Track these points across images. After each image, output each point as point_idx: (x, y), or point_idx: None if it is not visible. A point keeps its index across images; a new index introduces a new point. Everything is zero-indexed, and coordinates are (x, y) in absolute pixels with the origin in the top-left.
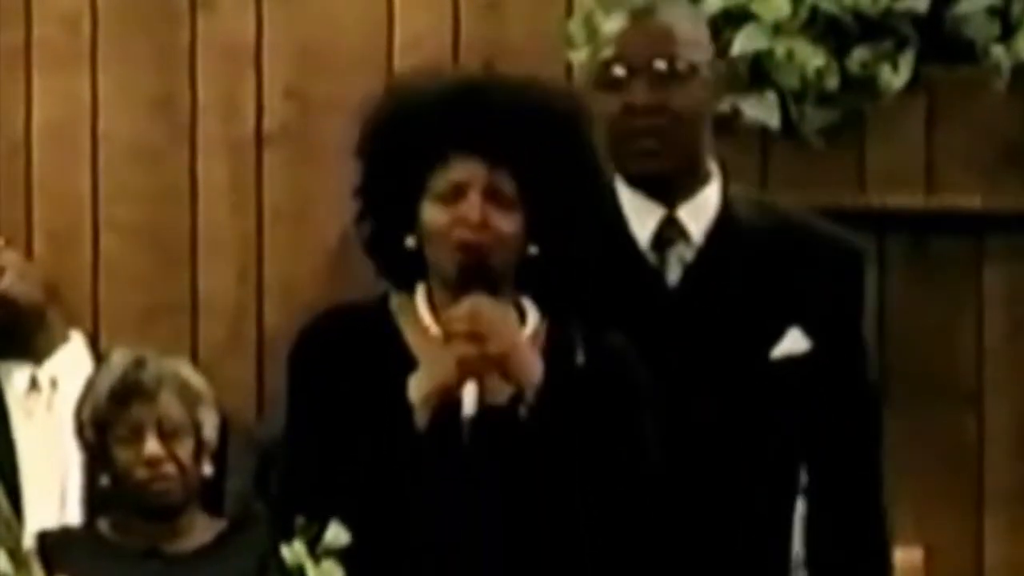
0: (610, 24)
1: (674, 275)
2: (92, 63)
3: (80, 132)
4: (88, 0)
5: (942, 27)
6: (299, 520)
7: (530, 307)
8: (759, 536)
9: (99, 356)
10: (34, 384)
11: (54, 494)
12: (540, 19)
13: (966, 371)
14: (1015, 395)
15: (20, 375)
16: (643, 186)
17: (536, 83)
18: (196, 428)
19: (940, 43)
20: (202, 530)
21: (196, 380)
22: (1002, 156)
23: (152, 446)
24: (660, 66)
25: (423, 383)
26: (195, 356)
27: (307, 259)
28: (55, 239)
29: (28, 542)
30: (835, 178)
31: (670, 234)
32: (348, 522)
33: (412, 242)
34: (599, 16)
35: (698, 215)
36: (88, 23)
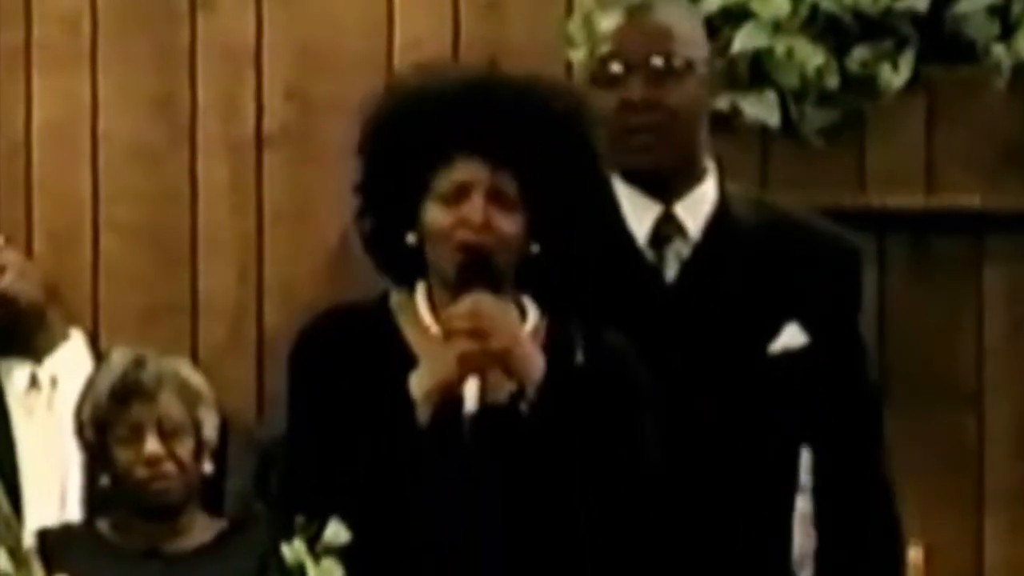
0: (607, 21)
1: (672, 271)
2: (92, 63)
3: (80, 132)
4: (88, 0)
5: (942, 26)
6: (299, 519)
7: (530, 305)
8: (758, 531)
9: (99, 356)
10: (34, 382)
11: (54, 493)
12: (540, 19)
13: (966, 371)
14: (1015, 395)
15: (20, 373)
16: (640, 182)
17: (540, 82)
18: (196, 428)
19: (940, 42)
20: (202, 530)
21: (196, 380)
22: (1002, 156)
23: (152, 446)
24: (656, 63)
25: (425, 379)
26: (195, 356)
27: (307, 259)
28: (55, 239)
29: (28, 541)
30: (835, 178)
31: (667, 230)
32: (348, 521)
33: (413, 239)
34: (598, 15)
35: (695, 211)
36: (88, 23)
